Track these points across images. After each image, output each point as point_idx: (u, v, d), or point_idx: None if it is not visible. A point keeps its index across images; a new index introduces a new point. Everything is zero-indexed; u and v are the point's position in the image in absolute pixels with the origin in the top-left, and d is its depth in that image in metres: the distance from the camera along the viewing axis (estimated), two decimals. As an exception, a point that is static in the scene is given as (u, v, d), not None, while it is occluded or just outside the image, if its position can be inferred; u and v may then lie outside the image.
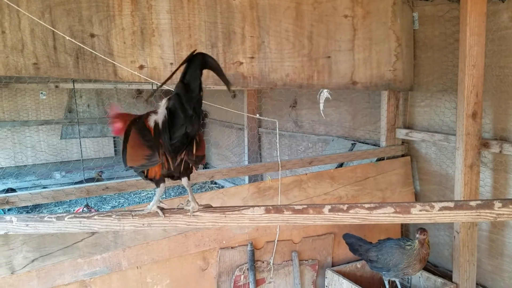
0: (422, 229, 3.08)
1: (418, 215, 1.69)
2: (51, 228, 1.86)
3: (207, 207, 1.83)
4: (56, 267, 2.67)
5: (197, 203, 1.81)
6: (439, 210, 1.67)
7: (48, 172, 7.13)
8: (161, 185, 1.79)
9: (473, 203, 1.67)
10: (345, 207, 1.74)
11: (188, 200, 1.82)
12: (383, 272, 3.25)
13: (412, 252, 3.07)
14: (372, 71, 3.60)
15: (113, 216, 1.80)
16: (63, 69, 2.56)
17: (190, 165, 1.78)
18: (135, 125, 1.73)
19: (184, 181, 1.81)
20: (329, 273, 3.55)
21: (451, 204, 1.67)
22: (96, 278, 2.80)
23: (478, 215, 1.66)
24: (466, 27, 3.01)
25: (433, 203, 1.68)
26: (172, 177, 1.80)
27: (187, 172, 1.80)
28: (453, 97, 3.54)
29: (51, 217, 1.84)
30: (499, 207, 1.64)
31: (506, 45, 3.15)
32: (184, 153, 1.69)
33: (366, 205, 1.74)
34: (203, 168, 7.41)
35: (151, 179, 1.80)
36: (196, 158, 1.73)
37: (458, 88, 3.16)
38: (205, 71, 1.66)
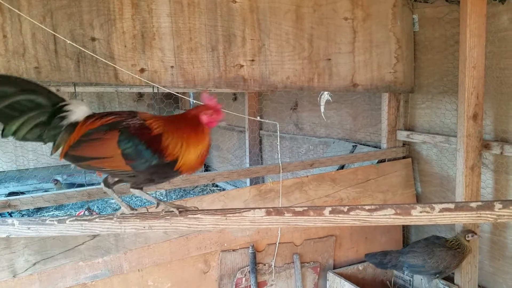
0: (472, 231, 3.13)
1: (418, 216, 1.69)
2: (53, 231, 1.87)
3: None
4: (58, 270, 2.68)
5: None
6: (439, 212, 1.67)
7: (49, 176, 7.13)
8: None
9: (473, 205, 1.67)
10: (345, 209, 1.75)
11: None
12: (428, 275, 3.23)
13: (466, 254, 3.12)
14: (373, 73, 3.61)
15: (114, 218, 1.80)
16: (64, 73, 2.57)
17: None
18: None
19: None
20: (330, 276, 3.55)
21: (452, 206, 1.68)
22: (98, 281, 2.80)
23: (478, 217, 1.66)
24: (466, 28, 3.01)
25: (433, 205, 1.69)
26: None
27: None
28: (453, 98, 3.54)
29: (53, 220, 1.84)
30: (499, 208, 1.64)
31: (506, 46, 3.16)
32: None
33: (367, 207, 1.74)
34: (205, 171, 7.41)
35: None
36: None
37: (459, 89, 3.16)
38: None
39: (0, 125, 1.65)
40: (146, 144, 1.68)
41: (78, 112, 1.73)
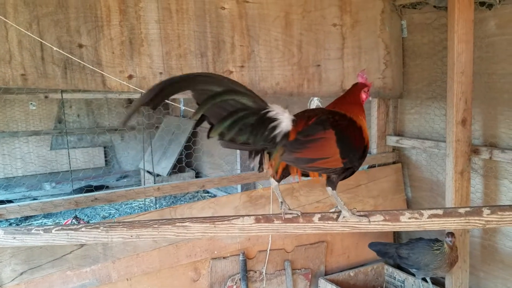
0: (451, 233, 3.10)
1: (407, 222, 1.69)
2: (39, 241, 1.83)
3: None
4: (45, 279, 2.64)
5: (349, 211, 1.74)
6: (428, 218, 1.67)
7: (38, 184, 7.04)
8: None
9: (462, 210, 1.67)
10: (335, 216, 1.74)
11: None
12: (414, 270, 3.32)
13: (442, 256, 3.11)
14: (362, 79, 3.61)
15: (101, 228, 1.78)
16: (51, 80, 2.54)
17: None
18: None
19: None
20: (322, 282, 3.54)
21: (440, 212, 1.67)
22: (86, 290, 2.77)
23: (467, 222, 1.66)
24: (454, 34, 3.03)
25: (422, 211, 1.68)
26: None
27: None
28: (442, 104, 3.55)
29: (39, 230, 1.81)
30: (487, 214, 1.64)
31: (494, 52, 3.18)
32: None
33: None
34: (196, 177, 7.37)
35: None
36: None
37: (447, 95, 3.17)
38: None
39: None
40: (357, 140, 1.73)
41: (286, 119, 1.63)
